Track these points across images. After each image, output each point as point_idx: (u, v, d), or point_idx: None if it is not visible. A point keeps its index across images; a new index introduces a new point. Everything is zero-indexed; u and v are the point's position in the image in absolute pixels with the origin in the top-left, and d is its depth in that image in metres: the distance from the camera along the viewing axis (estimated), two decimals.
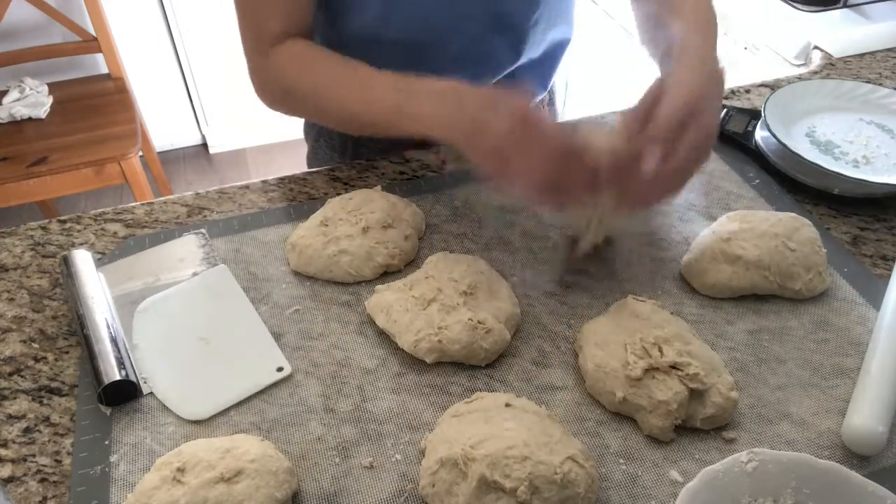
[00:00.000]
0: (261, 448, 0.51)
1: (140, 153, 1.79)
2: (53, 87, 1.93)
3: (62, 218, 0.76)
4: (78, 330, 0.61)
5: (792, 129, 0.83)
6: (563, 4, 0.85)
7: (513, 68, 0.86)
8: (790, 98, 0.85)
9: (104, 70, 2.02)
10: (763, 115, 0.81)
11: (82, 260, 0.67)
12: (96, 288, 0.65)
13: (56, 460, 0.54)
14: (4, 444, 0.55)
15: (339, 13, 0.79)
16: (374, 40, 0.80)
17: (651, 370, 0.55)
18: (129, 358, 0.60)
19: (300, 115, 0.83)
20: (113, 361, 0.58)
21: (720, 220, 0.70)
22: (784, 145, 0.77)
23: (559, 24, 0.87)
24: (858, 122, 0.85)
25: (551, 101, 1.02)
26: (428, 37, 0.79)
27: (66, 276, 0.65)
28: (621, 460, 0.54)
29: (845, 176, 0.74)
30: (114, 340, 0.60)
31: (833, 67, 1.04)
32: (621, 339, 0.57)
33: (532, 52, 0.87)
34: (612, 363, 0.56)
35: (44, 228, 0.75)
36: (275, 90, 0.77)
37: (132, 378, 0.57)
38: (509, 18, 0.80)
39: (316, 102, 0.75)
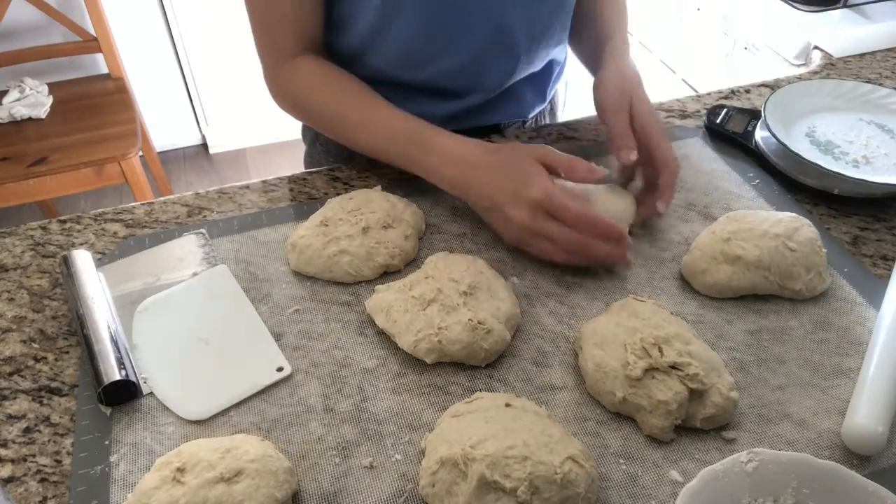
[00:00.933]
0: (261, 448, 0.51)
1: (140, 153, 1.79)
2: (53, 87, 1.93)
3: (62, 218, 0.76)
4: (78, 330, 0.61)
5: (792, 129, 0.83)
6: (559, 24, 0.86)
7: (511, 83, 0.86)
8: (790, 98, 0.85)
9: (104, 70, 2.02)
10: (763, 115, 0.81)
11: (82, 260, 0.67)
12: (96, 288, 0.65)
13: (56, 460, 0.54)
14: (4, 444, 0.55)
15: (336, 26, 0.79)
16: (370, 54, 0.80)
17: (651, 370, 0.55)
18: (129, 358, 0.60)
19: (314, 128, 0.86)
20: (113, 361, 0.58)
21: (720, 221, 0.70)
22: (784, 145, 0.77)
23: (555, 43, 0.87)
24: (858, 121, 0.85)
25: (552, 111, 1.03)
26: (426, 49, 0.79)
27: (66, 276, 0.65)
28: (621, 460, 0.54)
29: (844, 176, 0.74)
30: (114, 340, 0.60)
31: (833, 67, 1.04)
32: (621, 339, 0.57)
33: (530, 67, 0.87)
34: (611, 363, 0.56)
35: (44, 228, 0.75)
36: (289, 101, 0.81)
37: (132, 378, 0.57)
38: (509, 34, 0.79)
39: (331, 128, 0.80)
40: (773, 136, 0.78)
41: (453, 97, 0.85)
